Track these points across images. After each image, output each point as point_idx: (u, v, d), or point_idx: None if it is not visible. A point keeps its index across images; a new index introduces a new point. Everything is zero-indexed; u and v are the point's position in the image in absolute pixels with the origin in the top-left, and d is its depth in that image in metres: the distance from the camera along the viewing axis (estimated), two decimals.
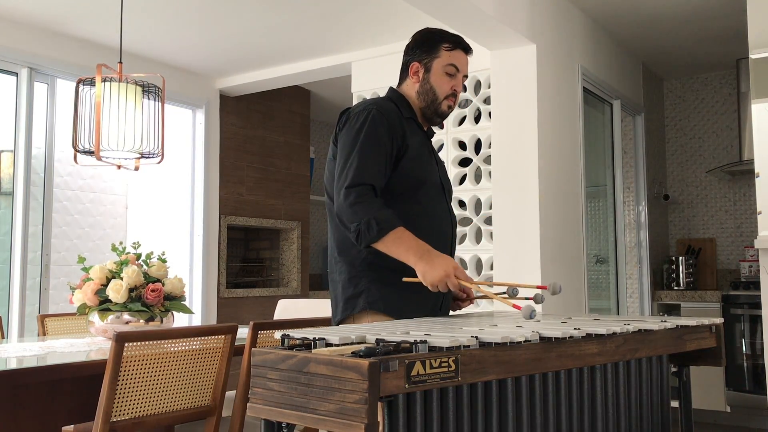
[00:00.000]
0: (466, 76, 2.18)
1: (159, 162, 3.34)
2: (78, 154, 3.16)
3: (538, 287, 1.91)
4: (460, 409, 1.34)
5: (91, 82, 3.18)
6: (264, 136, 5.78)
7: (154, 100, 3.28)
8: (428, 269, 1.83)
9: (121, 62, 3.20)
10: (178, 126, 5.25)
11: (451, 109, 2.15)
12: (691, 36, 4.64)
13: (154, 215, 5.37)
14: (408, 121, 2.09)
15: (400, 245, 1.86)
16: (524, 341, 1.40)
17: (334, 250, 2.05)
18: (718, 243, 5.39)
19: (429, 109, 2.13)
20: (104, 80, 3.12)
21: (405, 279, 1.91)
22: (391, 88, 2.21)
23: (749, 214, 5.26)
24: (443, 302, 2.09)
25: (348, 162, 1.94)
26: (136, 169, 3.31)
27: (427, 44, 2.13)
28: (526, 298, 1.94)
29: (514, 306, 1.75)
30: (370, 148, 1.95)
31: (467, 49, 2.17)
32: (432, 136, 2.26)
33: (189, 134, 5.28)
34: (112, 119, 3.07)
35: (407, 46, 2.19)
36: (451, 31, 2.22)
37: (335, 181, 1.96)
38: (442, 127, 3.90)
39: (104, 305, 2.80)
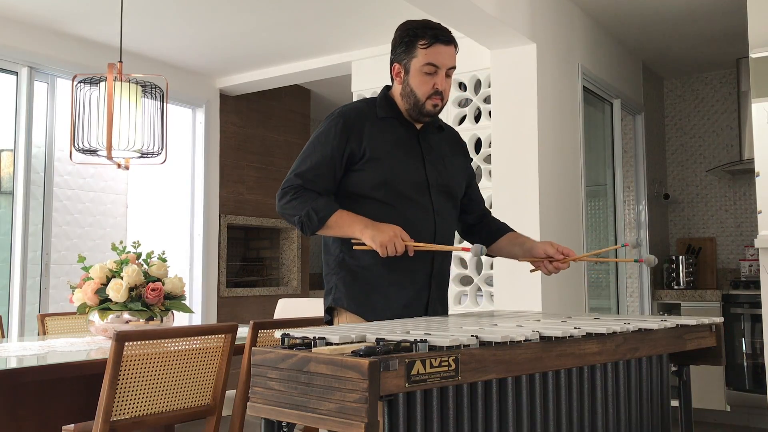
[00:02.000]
0: (453, 68, 2.06)
1: (162, 162, 3.34)
2: (74, 152, 3.16)
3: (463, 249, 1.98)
4: (460, 408, 1.34)
5: (91, 81, 3.18)
6: (264, 135, 5.78)
7: (156, 100, 3.28)
8: (376, 233, 1.90)
9: (121, 62, 3.20)
10: (178, 125, 5.25)
11: (437, 107, 2.06)
12: (692, 35, 4.63)
13: (154, 214, 5.37)
14: (383, 121, 2.06)
15: (343, 224, 1.95)
16: (524, 340, 1.41)
17: (323, 249, 2.13)
18: (718, 242, 5.39)
19: (413, 110, 2.07)
20: (103, 80, 3.12)
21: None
22: (384, 88, 2.18)
23: (749, 214, 5.26)
24: (429, 302, 2.07)
25: (294, 164, 2.05)
26: (127, 168, 3.30)
27: (405, 42, 2.05)
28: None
29: (463, 249, 1.93)
30: (314, 153, 2.02)
31: (448, 41, 2.04)
32: (440, 130, 2.18)
33: (189, 133, 5.28)
34: (113, 118, 3.07)
35: (392, 41, 2.12)
36: (456, 31, 2.16)
37: None
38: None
39: (104, 304, 2.80)
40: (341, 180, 2.03)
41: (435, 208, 2.07)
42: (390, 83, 2.18)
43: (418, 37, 2.03)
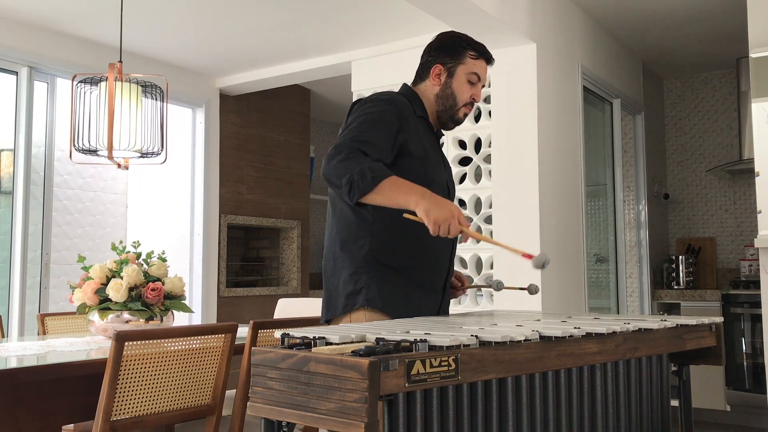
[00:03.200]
0: (484, 86, 2.18)
1: (162, 162, 3.35)
2: (74, 151, 3.16)
3: (524, 255, 1.85)
4: (460, 408, 1.34)
5: (91, 81, 3.18)
6: (264, 135, 5.78)
7: (156, 100, 3.28)
8: (433, 207, 1.71)
9: (121, 61, 3.20)
10: (178, 125, 5.25)
11: (466, 116, 2.14)
12: (691, 35, 4.63)
13: (154, 214, 5.37)
14: (419, 120, 2.06)
15: (398, 190, 1.74)
16: (524, 340, 1.41)
17: (336, 245, 2.00)
18: (718, 242, 5.39)
19: (445, 114, 2.10)
20: (103, 80, 3.12)
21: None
22: (405, 85, 2.15)
23: (749, 213, 5.26)
24: (442, 303, 2.09)
25: (345, 132, 1.88)
26: (126, 167, 3.30)
27: (453, 48, 2.10)
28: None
29: (524, 255, 1.75)
30: (373, 123, 1.88)
31: (490, 60, 2.16)
32: (440, 137, 2.23)
33: (189, 133, 5.28)
34: (113, 118, 3.07)
35: (430, 45, 2.13)
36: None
37: None
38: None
39: (104, 304, 2.80)
40: None
41: None
42: (403, 82, 2.16)
43: (468, 47, 2.11)
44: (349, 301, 1.95)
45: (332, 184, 1.81)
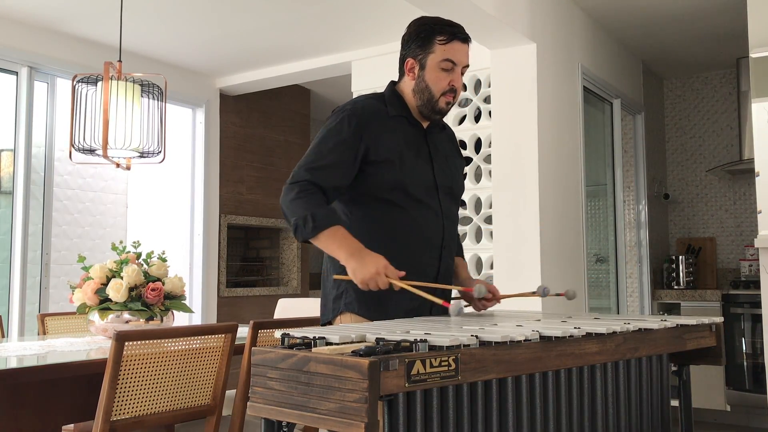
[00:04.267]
0: (467, 66, 2.04)
1: (161, 161, 3.34)
2: (74, 151, 3.16)
3: (452, 299, 1.96)
4: (460, 408, 1.34)
5: (90, 80, 3.18)
6: (264, 135, 5.78)
7: (156, 99, 3.28)
8: (358, 267, 1.80)
9: (120, 61, 3.20)
10: (178, 125, 5.25)
11: (449, 105, 2.04)
12: (692, 35, 4.63)
13: (154, 214, 5.37)
14: (394, 120, 2.02)
15: (332, 243, 1.85)
16: (524, 340, 1.40)
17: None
18: (718, 242, 5.39)
19: (426, 107, 2.03)
20: (101, 79, 3.12)
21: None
22: (390, 83, 2.13)
23: (749, 213, 5.26)
24: (434, 303, 2.06)
25: (305, 155, 1.97)
26: (128, 168, 3.30)
27: (421, 38, 2.01)
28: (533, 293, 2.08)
29: (443, 303, 1.81)
30: (327, 148, 1.93)
31: (465, 39, 2.02)
32: (442, 129, 2.16)
33: (189, 133, 5.28)
34: (111, 117, 3.07)
35: (403, 37, 2.08)
36: (447, 18, 2.09)
37: None
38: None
39: (104, 304, 2.80)
40: (353, 181, 1.97)
41: (443, 210, 2.05)
42: (395, 79, 2.13)
43: (435, 32, 2.00)
44: (336, 306, 2.00)
45: (286, 219, 1.94)
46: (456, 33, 2.01)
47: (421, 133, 2.08)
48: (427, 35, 2.01)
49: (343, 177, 1.94)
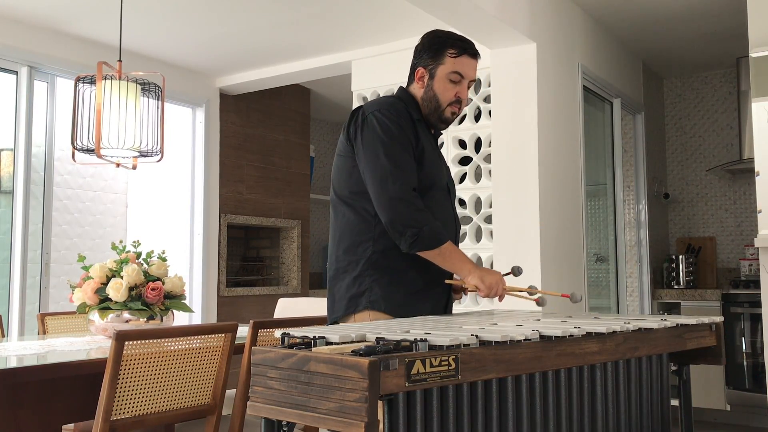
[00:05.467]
0: (473, 81, 2.17)
1: (158, 160, 3.34)
2: (76, 152, 3.16)
3: (562, 295, 2.09)
4: (460, 407, 1.34)
5: (90, 80, 3.18)
6: (264, 134, 5.78)
7: (155, 99, 3.28)
8: (485, 274, 1.96)
9: (120, 60, 3.20)
10: (178, 124, 5.25)
11: (455, 115, 2.15)
12: (692, 34, 4.63)
13: (154, 214, 5.37)
14: (418, 123, 2.10)
15: (454, 257, 1.97)
16: (524, 340, 1.41)
17: (339, 249, 2.04)
18: (718, 241, 5.39)
19: (433, 116, 2.13)
20: (104, 78, 3.12)
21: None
22: (401, 88, 2.20)
23: (749, 213, 5.26)
24: (448, 303, 2.12)
25: (384, 170, 1.95)
26: (134, 167, 3.31)
27: (433, 49, 2.12)
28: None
29: (563, 295, 2.05)
30: (400, 152, 1.98)
31: (474, 54, 2.15)
32: (438, 137, 2.27)
33: (189, 133, 5.28)
34: (111, 117, 3.07)
35: (416, 47, 2.18)
36: (458, 33, 2.20)
37: (372, 188, 1.96)
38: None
39: (104, 304, 2.80)
40: None
41: (454, 212, 2.18)
42: (397, 83, 2.22)
43: (447, 45, 2.11)
44: (352, 303, 2.00)
45: (394, 229, 1.93)
46: (466, 48, 2.14)
47: (433, 137, 2.21)
48: (439, 47, 2.12)
49: (416, 182, 2.02)
